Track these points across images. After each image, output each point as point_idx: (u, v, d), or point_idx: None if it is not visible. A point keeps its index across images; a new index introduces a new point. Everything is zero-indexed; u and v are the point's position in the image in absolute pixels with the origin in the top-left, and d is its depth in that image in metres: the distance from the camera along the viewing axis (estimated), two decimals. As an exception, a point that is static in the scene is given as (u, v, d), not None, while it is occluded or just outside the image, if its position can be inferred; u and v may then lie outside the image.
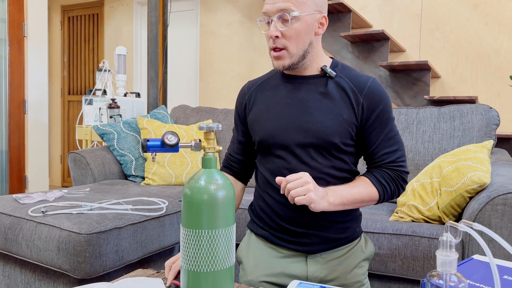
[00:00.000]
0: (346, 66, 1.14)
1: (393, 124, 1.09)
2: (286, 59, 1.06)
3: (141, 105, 2.85)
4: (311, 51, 1.08)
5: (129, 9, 4.25)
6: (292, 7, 1.01)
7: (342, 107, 1.06)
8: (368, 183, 1.05)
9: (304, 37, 1.04)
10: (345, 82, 1.08)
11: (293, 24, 1.02)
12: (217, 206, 0.92)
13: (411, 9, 2.93)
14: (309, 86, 1.10)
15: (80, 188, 1.91)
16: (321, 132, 1.05)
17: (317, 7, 1.05)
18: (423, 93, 2.48)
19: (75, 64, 4.72)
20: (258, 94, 1.17)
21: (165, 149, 0.96)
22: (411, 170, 1.91)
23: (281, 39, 1.04)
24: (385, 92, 1.09)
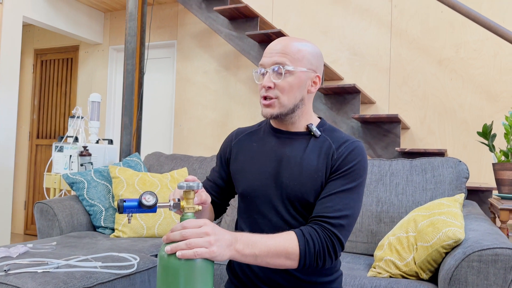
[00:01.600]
0: (333, 128, 1.16)
1: (356, 189, 1.04)
2: (276, 108, 1.08)
3: (114, 152, 2.80)
4: (301, 107, 1.11)
5: (105, 54, 4.26)
6: (288, 62, 1.06)
7: (318, 165, 1.07)
8: (291, 236, 0.96)
9: (296, 92, 1.08)
10: (327, 142, 1.10)
11: (286, 77, 1.07)
12: (195, 270, 0.88)
13: (380, 64, 3.07)
14: (293, 142, 1.12)
15: (46, 242, 1.81)
16: (297, 190, 1.05)
17: (311, 66, 1.09)
18: (394, 144, 2.55)
19: (45, 107, 4.63)
20: (245, 143, 1.19)
21: (142, 210, 0.93)
22: (386, 222, 1.93)
23: (274, 90, 1.07)
24: (362, 155, 1.07)
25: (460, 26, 2.85)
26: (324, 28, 3.25)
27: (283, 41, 1.10)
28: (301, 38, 1.15)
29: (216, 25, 3.02)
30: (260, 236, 0.95)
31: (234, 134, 1.24)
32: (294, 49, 1.08)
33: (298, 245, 0.96)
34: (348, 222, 1.01)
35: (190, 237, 0.86)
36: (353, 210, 1.03)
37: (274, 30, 2.67)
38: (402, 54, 3.01)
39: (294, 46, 1.08)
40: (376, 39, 3.09)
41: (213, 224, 0.90)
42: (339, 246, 1.00)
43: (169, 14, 3.92)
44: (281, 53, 1.07)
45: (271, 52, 1.09)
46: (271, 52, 1.09)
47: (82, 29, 4.03)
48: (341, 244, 1.00)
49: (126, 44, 2.90)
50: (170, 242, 0.88)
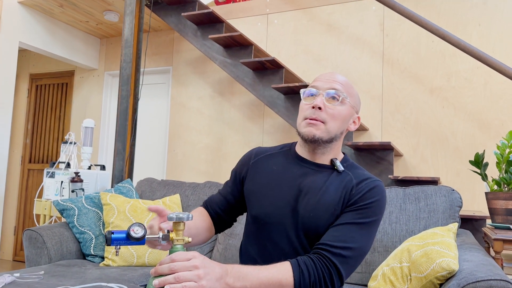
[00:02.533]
0: (356, 165, 1.17)
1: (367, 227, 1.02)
2: (320, 131, 1.08)
3: (106, 178, 2.77)
4: (337, 140, 1.12)
5: (100, 80, 4.28)
6: (345, 93, 1.09)
7: (336, 198, 1.06)
8: (285, 267, 0.94)
9: (342, 122, 1.10)
10: (349, 177, 1.10)
11: (339, 105, 1.08)
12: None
13: (372, 91, 3.10)
14: (316, 174, 1.11)
15: (34, 271, 1.77)
16: (312, 222, 1.04)
17: (356, 106, 1.14)
18: (387, 171, 2.55)
19: (39, 132, 4.62)
20: (264, 165, 1.17)
21: (130, 242, 0.91)
22: (380, 251, 1.90)
23: (323, 113, 1.08)
24: (380, 195, 1.06)
25: (451, 56, 2.90)
26: (317, 56, 3.30)
27: (338, 74, 1.14)
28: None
29: (211, 53, 3.06)
30: (253, 268, 0.93)
31: (254, 153, 1.22)
32: (349, 84, 1.12)
33: (292, 276, 0.93)
34: (351, 255, 0.98)
35: (179, 270, 0.84)
36: (359, 245, 1.00)
37: (268, 58, 2.71)
38: (394, 83, 3.05)
39: (348, 82, 1.13)
40: (369, 67, 3.13)
41: (202, 256, 0.88)
42: (337, 277, 0.97)
43: (165, 41, 3.97)
44: (339, 82, 1.10)
45: (327, 79, 1.11)
46: (328, 79, 1.11)
47: (78, 54, 4.06)
48: (339, 275, 0.97)
49: (121, 70, 2.92)
50: (158, 276, 0.86)
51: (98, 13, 3.63)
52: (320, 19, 3.31)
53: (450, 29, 2.91)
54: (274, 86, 2.73)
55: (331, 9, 3.28)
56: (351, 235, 1.00)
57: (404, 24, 3.05)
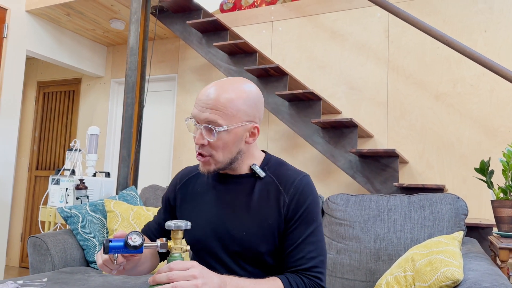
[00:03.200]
0: (278, 162, 1.10)
1: (317, 228, 1.02)
2: (212, 165, 1.03)
3: (111, 185, 2.78)
4: (240, 157, 1.06)
5: (106, 87, 4.32)
6: (220, 120, 0.98)
7: (268, 210, 1.02)
8: (278, 285, 0.96)
9: (232, 147, 1.02)
10: (272, 182, 1.05)
11: (220, 135, 0.99)
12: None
13: (377, 98, 3.09)
14: (237, 187, 1.06)
15: (37, 278, 1.78)
16: (246, 241, 1.00)
17: (248, 118, 1.02)
18: (392, 179, 2.53)
19: (46, 139, 4.66)
20: (189, 189, 1.13)
21: (128, 251, 0.91)
22: (385, 260, 1.88)
23: (207, 148, 1.01)
24: (312, 192, 1.04)
25: (456, 62, 2.89)
26: (322, 63, 3.29)
27: (215, 93, 0.99)
28: (235, 82, 1.03)
29: (216, 60, 3.07)
30: (249, 281, 0.94)
31: (179, 178, 1.18)
32: (226, 104, 0.99)
33: None
34: (324, 266, 1.02)
35: (176, 280, 0.83)
36: (323, 251, 1.03)
37: (272, 65, 2.71)
38: (399, 89, 3.03)
39: (226, 99, 0.99)
40: (373, 74, 3.13)
41: (201, 266, 0.88)
42: None
43: (171, 49, 4.00)
44: (212, 109, 0.98)
45: (202, 106, 1.00)
46: (202, 106, 1.00)
47: (85, 62, 4.10)
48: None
49: (127, 78, 2.94)
50: (156, 284, 0.86)
51: (104, 21, 3.66)
52: (325, 26, 3.31)
53: (456, 35, 2.90)
54: (278, 93, 2.73)
55: (335, 16, 3.28)
56: (314, 248, 1.01)
57: (409, 30, 3.04)
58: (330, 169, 3.17)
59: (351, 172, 2.67)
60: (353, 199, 2.12)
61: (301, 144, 3.31)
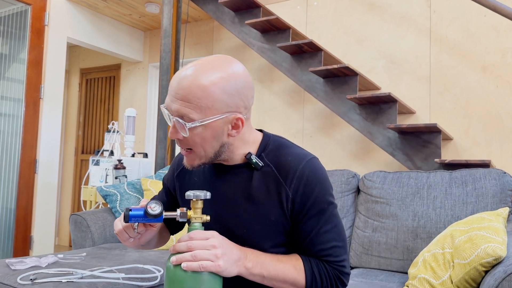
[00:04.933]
0: (278, 145, 0.97)
1: (331, 214, 0.94)
2: (196, 160, 0.92)
3: (148, 166, 2.84)
4: (226, 150, 0.93)
5: (145, 72, 4.40)
6: (192, 114, 0.85)
7: (269, 206, 0.93)
8: (299, 267, 0.91)
9: (212, 142, 0.90)
10: (272, 173, 0.93)
11: (194, 130, 0.87)
12: (201, 283, 0.84)
13: (419, 72, 2.94)
14: (233, 179, 0.97)
15: (76, 253, 1.85)
16: (248, 238, 0.94)
17: (229, 108, 0.88)
18: (434, 155, 2.41)
19: (90, 124, 4.83)
20: (186, 177, 1.06)
21: (148, 219, 0.91)
22: (423, 238, 1.80)
23: (185, 141, 0.90)
24: (319, 178, 0.92)
25: (505, 30, 2.68)
26: (359, 37, 3.17)
27: (188, 79, 0.85)
28: (216, 65, 0.88)
29: (248, 39, 3.03)
30: (270, 257, 0.91)
31: (176, 163, 1.10)
32: (200, 94, 0.85)
33: (305, 278, 0.92)
34: (345, 252, 0.96)
35: (196, 248, 0.83)
36: (342, 236, 0.95)
37: (306, 40, 2.63)
38: (442, 61, 2.87)
39: (200, 87, 0.85)
40: (414, 46, 2.97)
41: (221, 237, 0.86)
42: (347, 277, 0.96)
43: (205, 30, 3.99)
44: (183, 100, 0.85)
45: (173, 95, 0.87)
46: (173, 96, 0.87)
47: (124, 48, 4.19)
48: (347, 275, 0.96)
49: (161, 60, 2.97)
50: (177, 253, 0.85)
51: (140, 6, 3.71)
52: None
53: (505, 0, 2.68)
54: (312, 69, 2.66)
55: (373, -13, 3.13)
56: (331, 238, 0.94)
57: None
58: (369, 147, 3.07)
59: (390, 150, 2.57)
60: (390, 176, 2.04)
61: (338, 123, 3.22)
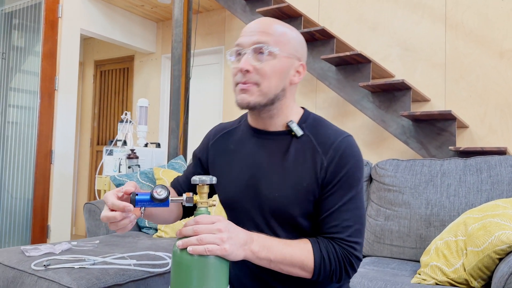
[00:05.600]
0: (317, 119, 1.01)
1: (357, 195, 0.93)
2: (254, 95, 0.93)
3: (161, 155, 2.86)
4: (281, 99, 0.96)
5: (158, 63, 4.41)
6: (271, 43, 0.92)
7: (303, 173, 0.94)
8: (308, 249, 0.90)
9: (279, 77, 0.94)
10: (310, 143, 0.96)
11: (268, 60, 0.92)
12: (207, 267, 0.85)
13: (434, 58, 2.88)
14: (272, 145, 0.99)
15: (90, 241, 1.88)
16: (279, 203, 0.94)
17: (296, 53, 0.96)
18: (449, 143, 2.37)
19: (104, 115, 4.88)
20: (222, 145, 1.07)
21: (154, 204, 0.91)
22: (436, 226, 1.78)
23: (253, 74, 0.92)
24: (355, 155, 0.94)
25: (524, 14, 2.60)
26: (373, 24, 3.12)
27: (266, 20, 0.95)
28: (284, 22, 1.00)
29: (260, 27, 3.01)
30: (277, 241, 0.90)
31: (212, 134, 1.12)
32: (278, 31, 0.94)
33: (313, 260, 0.90)
34: (360, 235, 0.93)
35: (202, 232, 0.83)
36: (361, 220, 0.94)
37: (317, 28, 2.60)
38: (458, 47, 2.80)
39: (278, 27, 0.94)
40: (430, 32, 2.91)
41: (227, 221, 0.86)
42: (357, 262, 0.93)
43: (217, 21, 3.98)
44: (263, 32, 0.93)
45: (251, 31, 0.94)
46: (252, 31, 0.94)
47: (137, 39, 4.20)
48: (358, 260, 0.93)
49: (173, 50, 2.97)
50: (183, 237, 0.86)
51: (152, -4, 3.71)
52: (375, -15, 3.11)
53: (524, -17, 2.60)
54: (324, 57, 2.62)
55: (386, -27, 3.07)
56: (350, 217, 0.93)
57: (469, -18, 2.77)
58: (383, 136, 3.03)
59: (403, 138, 2.53)
60: (403, 164, 2.01)
61: (351, 112, 3.18)
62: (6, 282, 1.47)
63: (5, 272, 1.49)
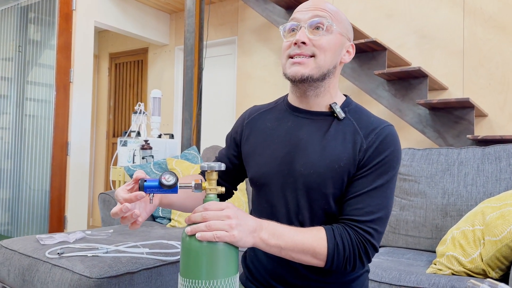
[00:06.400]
0: (360, 107, 1.01)
1: (388, 184, 0.91)
2: (309, 68, 0.93)
3: (174, 146, 2.87)
4: (331, 77, 0.97)
5: (171, 55, 4.42)
6: (328, 19, 0.94)
7: (341, 152, 0.92)
8: (320, 236, 0.88)
9: (333, 53, 0.95)
10: (352, 125, 0.95)
11: (325, 35, 0.94)
12: (216, 254, 0.84)
13: (452, 46, 2.80)
14: (312, 124, 0.98)
15: (104, 230, 1.89)
16: (313, 179, 0.92)
17: (348, 33, 0.99)
18: (467, 132, 2.31)
19: (119, 108, 4.92)
20: (258, 123, 1.06)
21: (163, 190, 0.90)
22: (453, 216, 1.74)
23: (309, 46, 0.93)
24: (395, 144, 0.93)
25: (546, -3, 2.50)
26: (389, 11, 3.05)
27: (319, 0, 0.98)
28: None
29: (273, 16, 2.97)
30: (288, 228, 0.88)
31: (248, 113, 1.11)
32: (332, 9, 0.97)
33: (326, 247, 0.87)
34: (382, 225, 0.91)
35: (210, 219, 0.82)
36: (386, 210, 0.91)
37: (331, 15, 2.55)
38: (477, 34, 2.72)
39: (331, 6, 0.98)
40: (448, 19, 2.83)
41: (236, 208, 0.85)
42: (373, 251, 0.90)
43: (230, 11, 3.95)
44: (320, 8, 0.95)
45: (307, 8, 0.96)
46: (308, 8, 0.96)
47: (150, 31, 4.21)
48: (374, 249, 0.91)
49: (185, 40, 2.96)
50: (192, 224, 0.85)
51: (164, -12, 3.70)
52: (391, -29, 3.04)
53: (547, -35, 2.50)
54: (338, 45, 2.58)
55: (402, -42, 2.99)
56: (377, 203, 0.90)
57: (488, -34, 2.68)
58: (399, 126, 2.98)
59: (420, 127, 2.48)
60: (419, 153, 1.97)
61: (366, 101, 3.13)
62: (22, 270, 1.49)
63: (21, 260, 1.52)
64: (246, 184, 2.39)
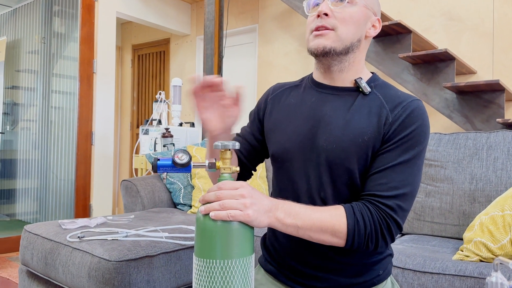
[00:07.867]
0: (387, 84, 0.97)
1: (414, 159, 0.87)
2: (331, 40, 0.91)
3: (195, 134, 2.87)
4: (355, 51, 0.94)
5: (192, 45, 4.42)
6: None
7: (365, 126, 0.89)
8: (339, 213, 0.84)
9: (356, 25, 0.92)
10: (378, 99, 0.92)
11: (348, 7, 0.92)
12: (232, 233, 0.82)
13: (481, 28, 2.68)
14: (336, 100, 0.95)
15: (125, 215, 1.91)
16: (336, 154, 0.89)
17: (373, 7, 0.96)
18: (497, 116, 2.21)
19: (143, 99, 4.97)
20: (282, 99, 1.04)
21: (176, 169, 0.89)
22: (481, 202, 1.66)
23: (331, 19, 0.91)
24: (423, 118, 0.89)
25: None
26: (413, -6, 2.94)
27: None
28: None
29: (294, 2, 2.92)
30: (305, 207, 0.85)
31: (272, 89, 1.09)
32: None
33: (346, 223, 0.83)
34: (407, 202, 0.86)
35: (224, 198, 0.79)
36: (412, 187, 0.86)
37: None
38: (508, 14, 2.59)
39: None
40: (476, 0, 2.71)
41: (251, 187, 0.83)
42: (396, 228, 0.86)
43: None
44: None
45: None
46: None
47: (172, 21, 4.22)
48: (398, 226, 0.86)
49: (205, 28, 2.95)
50: (206, 203, 0.83)
51: (185, -23, 3.69)
52: (416, -49, 2.93)
53: None
54: (360, 29, 2.51)
55: None
56: (402, 178, 0.85)
57: None
58: (424, 112, 2.89)
59: (447, 112, 2.39)
60: (446, 138, 1.89)
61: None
62: (44, 253, 1.52)
63: (43, 244, 1.54)
64: (267, 171, 2.37)
